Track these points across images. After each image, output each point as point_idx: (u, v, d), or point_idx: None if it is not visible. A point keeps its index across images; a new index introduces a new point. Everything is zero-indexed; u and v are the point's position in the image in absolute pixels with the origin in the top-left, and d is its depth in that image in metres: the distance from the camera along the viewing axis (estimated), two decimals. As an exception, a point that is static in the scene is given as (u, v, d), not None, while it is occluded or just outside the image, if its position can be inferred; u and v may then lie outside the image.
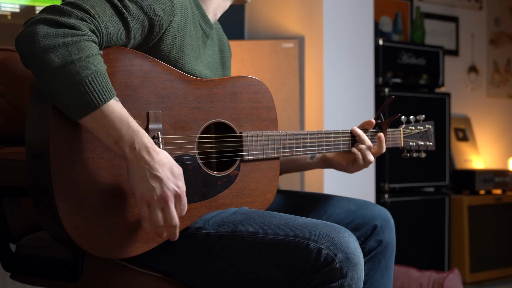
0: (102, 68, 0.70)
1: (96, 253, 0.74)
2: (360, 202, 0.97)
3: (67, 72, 0.68)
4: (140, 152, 0.70)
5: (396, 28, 2.46)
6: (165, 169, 0.71)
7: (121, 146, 0.70)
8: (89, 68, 0.68)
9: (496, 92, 2.80)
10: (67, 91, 0.68)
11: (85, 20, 0.70)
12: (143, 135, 0.71)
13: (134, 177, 0.71)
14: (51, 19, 0.69)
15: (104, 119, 0.69)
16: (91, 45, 0.70)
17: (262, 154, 0.87)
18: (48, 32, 0.68)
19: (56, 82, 0.68)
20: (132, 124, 0.70)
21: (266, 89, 0.90)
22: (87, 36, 0.70)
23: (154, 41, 0.80)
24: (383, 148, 0.97)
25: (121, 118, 0.70)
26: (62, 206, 0.71)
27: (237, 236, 0.79)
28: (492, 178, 2.38)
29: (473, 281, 2.27)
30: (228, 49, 1.00)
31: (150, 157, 0.70)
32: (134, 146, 0.70)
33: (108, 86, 0.69)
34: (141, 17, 0.76)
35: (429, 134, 1.07)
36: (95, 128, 0.70)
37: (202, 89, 0.83)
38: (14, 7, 1.52)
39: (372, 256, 0.93)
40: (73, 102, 0.68)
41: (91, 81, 0.68)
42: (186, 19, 0.83)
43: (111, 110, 0.69)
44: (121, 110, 0.70)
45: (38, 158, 0.72)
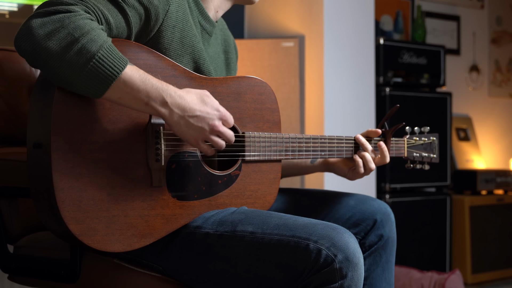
0: (108, 40, 0.70)
1: (95, 246, 0.74)
2: (360, 197, 0.96)
3: (74, 52, 0.67)
4: (173, 104, 0.72)
5: (397, 27, 2.45)
6: (200, 105, 0.74)
7: (152, 106, 0.71)
8: (95, 43, 0.68)
9: (497, 91, 2.79)
10: (81, 72, 0.68)
11: (76, 4, 0.71)
12: (167, 87, 0.72)
13: (180, 127, 0.73)
14: (43, 11, 0.69)
15: (127, 86, 0.70)
16: (90, 22, 0.70)
17: (264, 155, 0.87)
18: (43, 22, 0.68)
19: (66, 67, 0.67)
20: (154, 81, 0.72)
21: (270, 90, 0.90)
22: (83, 15, 0.69)
23: (153, 33, 0.80)
24: (387, 157, 0.96)
25: (142, 80, 0.71)
26: (61, 197, 0.71)
27: (236, 236, 0.78)
28: (493, 178, 2.37)
29: (475, 282, 2.26)
30: (234, 50, 1.00)
31: (183, 103, 0.73)
32: (165, 100, 0.72)
33: (119, 55, 0.70)
34: (137, 6, 0.76)
35: (433, 146, 1.06)
36: (121, 97, 0.70)
37: (206, 87, 0.83)
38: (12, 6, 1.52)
39: (373, 251, 0.92)
40: (91, 81, 0.68)
41: (102, 55, 0.68)
42: (184, 11, 0.83)
43: (130, 75, 0.70)
44: (139, 72, 0.71)
45: (38, 147, 0.72)
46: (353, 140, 0.96)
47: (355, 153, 0.96)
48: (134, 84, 0.70)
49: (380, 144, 0.97)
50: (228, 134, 0.77)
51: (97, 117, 0.73)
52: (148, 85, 0.71)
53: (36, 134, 0.73)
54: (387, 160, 0.97)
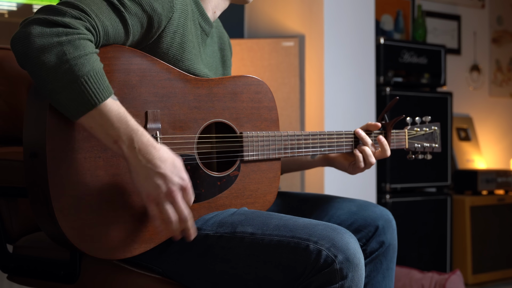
0: (98, 67, 0.69)
1: (92, 253, 0.73)
2: (362, 203, 0.96)
3: (62, 71, 0.67)
4: (140, 151, 0.69)
5: (397, 27, 2.45)
6: (167, 164, 0.70)
7: (120, 145, 0.69)
8: (84, 67, 0.68)
9: (498, 91, 2.79)
10: (63, 91, 0.67)
11: (80, 19, 0.70)
12: (142, 133, 0.70)
13: (138, 176, 0.70)
14: (45, 19, 0.69)
15: (102, 118, 0.68)
16: (87, 43, 0.69)
17: (262, 154, 0.86)
18: (42, 32, 0.68)
19: (52, 82, 0.67)
20: (131, 123, 0.70)
21: (267, 89, 0.89)
22: (82, 34, 0.69)
23: (153, 38, 0.80)
24: (387, 151, 0.96)
25: (119, 117, 0.69)
26: (59, 205, 0.71)
27: (236, 237, 0.78)
28: (494, 178, 2.36)
29: (476, 282, 2.26)
30: (228, 47, 0.99)
31: (151, 155, 0.69)
32: (133, 145, 0.69)
33: (105, 84, 0.69)
34: (140, 14, 0.75)
35: (435, 136, 1.05)
36: (93, 127, 0.69)
37: (202, 88, 0.82)
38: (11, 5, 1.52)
39: (373, 258, 0.92)
40: (70, 102, 0.68)
41: (88, 80, 0.67)
42: (186, 16, 0.83)
43: (108, 108, 0.69)
44: (119, 109, 0.70)
45: (35, 156, 0.72)
46: (353, 135, 0.96)
47: (355, 148, 0.95)
48: (109, 119, 0.68)
49: (379, 138, 0.96)
50: (181, 209, 0.71)
51: None
52: (122, 124, 0.68)
53: (32, 142, 0.73)
54: (388, 153, 0.96)
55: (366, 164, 0.94)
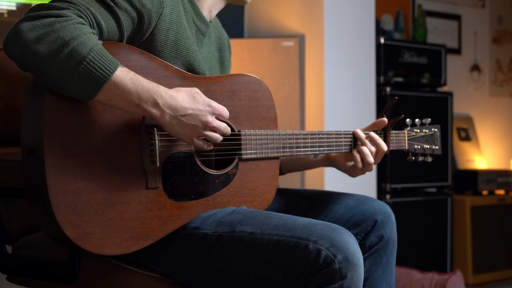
0: (98, 42, 0.69)
1: (90, 249, 0.73)
2: (360, 197, 0.96)
3: (64, 55, 0.67)
4: (164, 105, 0.72)
5: (397, 27, 2.45)
6: (191, 103, 0.74)
7: (144, 107, 0.71)
8: (86, 46, 0.68)
9: (499, 91, 2.78)
10: (71, 75, 0.67)
11: (69, 8, 0.70)
12: (158, 88, 0.72)
13: (173, 127, 0.73)
14: (33, 15, 0.69)
15: (118, 88, 0.70)
16: (81, 26, 0.69)
17: (261, 153, 0.86)
18: (33, 26, 0.67)
19: (57, 70, 0.67)
20: (145, 83, 0.71)
21: (265, 87, 0.89)
22: (74, 19, 0.69)
23: (146, 36, 0.80)
24: (382, 146, 0.94)
25: (133, 81, 0.71)
26: (56, 202, 0.70)
27: (235, 237, 0.78)
28: (495, 179, 2.36)
29: (476, 282, 2.26)
30: (227, 48, 0.99)
31: (174, 103, 0.73)
32: (156, 102, 0.71)
33: (110, 57, 0.70)
34: (130, 10, 0.76)
35: (435, 138, 1.04)
36: (112, 99, 0.70)
37: (200, 86, 0.82)
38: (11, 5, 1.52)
39: (373, 252, 0.92)
40: (82, 84, 0.68)
41: (93, 58, 0.68)
42: (179, 13, 0.82)
43: (120, 77, 0.70)
44: (130, 73, 0.71)
45: (32, 153, 0.72)
46: (352, 135, 0.95)
47: (354, 148, 0.95)
48: (125, 86, 0.70)
49: (370, 134, 0.95)
50: (222, 127, 0.77)
51: (90, 120, 0.73)
52: (139, 87, 0.71)
53: (29, 139, 0.73)
54: (384, 148, 0.94)
55: (364, 164, 0.94)
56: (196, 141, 0.76)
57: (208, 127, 0.75)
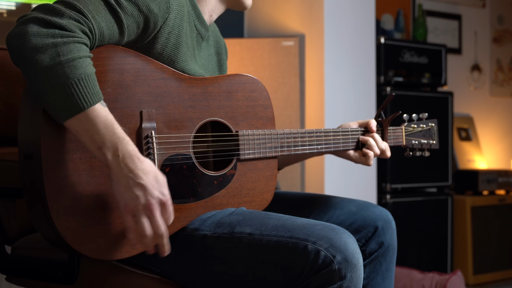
0: (90, 71, 0.69)
1: (89, 254, 0.73)
2: (361, 203, 0.96)
3: (54, 72, 0.67)
4: (124, 160, 0.68)
5: (398, 26, 2.44)
6: (150, 177, 0.69)
7: (104, 152, 0.68)
8: (76, 70, 0.68)
9: (499, 91, 2.78)
10: (53, 92, 0.67)
11: (78, 21, 0.70)
12: (127, 143, 0.69)
13: (118, 185, 0.69)
14: (42, 18, 0.69)
15: (89, 122, 0.68)
16: (81, 47, 0.69)
17: (259, 153, 0.86)
18: (38, 32, 0.68)
19: (42, 82, 0.67)
20: (117, 131, 0.69)
21: (262, 87, 0.89)
22: (77, 38, 0.69)
23: (149, 39, 0.80)
24: (374, 147, 0.94)
25: (106, 124, 0.68)
26: (55, 207, 0.70)
27: (234, 238, 0.78)
28: (495, 179, 2.36)
29: (476, 283, 2.25)
30: (225, 52, 1.00)
31: (134, 165, 0.68)
32: (117, 153, 0.68)
33: (95, 90, 0.69)
34: (136, 14, 0.75)
35: (432, 133, 1.04)
36: (78, 131, 0.69)
37: (197, 87, 0.82)
38: (10, 4, 1.52)
39: (373, 259, 0.92)
40: (59, 104, 0.68)
41: (78, 83, 0.67)
42: (182, 17, 0.83)
43: (96, 114, 0.68)
44: (107, 116, 0.69)
45: (30, 158, 0.72)
46: (349, 132, 0.95)
47: (353, 145, 0.95)
48: (96, 125, 0.68)
49: (361, 138, 0.95)
50: (158, 223, 0.69)
51: None
52: (108, 131, 0.68)
53: (27, 143, 0.72)
54: (377, 151, 0.94)
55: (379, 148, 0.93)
56: (127, 213, 0.69)
57: (148, 209, 0.68)
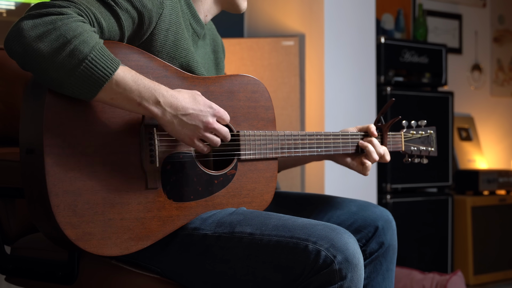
0: (100, 41, 0.70)
1: (89, 250, 0.73)
2: (362, 203, 0.96)
3: (66, 53, 0.67)
4: (166, 103, 0.72)
5: (398, 26, 2.44)
6: (192, 104, 0.74)
7: (145, 106, 0.71)
8: (87, 44, 0.68)
9: (500, 91, 2.78)
10: (73, 73, 0.67)
11: (69, 7, 0.70)
12: (159, 87, 0.72)
13: (173, 127, 0.73)
14: (35, 13, 0.69)
15: (119, 86, 0.70)
16: (82, 24, 0.69)
17: (259, 154, 0.86)
18: (35, 24, 0.68)
19: (58, 68, 0.67)
20: (146, 81, 0.71)
21: (264, 88, 0.89)
22: (75, 17, 0.69)
23: (146, 36, 0.80)
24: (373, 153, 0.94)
25: (135, 80, 0.71)
26: (56, 202, 0.70)
27: (234, 238, 0.78)
28: (496, 179, 2.35)
29: (477, 283, 2.25)
30: (222, 50, 1.00)
31: (175, 103, 0.72)
32: (157, 100, 0.71)
33: (111, 56, 0.70)
34: (130, 9, 0.76)
35: (431, 140, 1.05)
36: (114, 98, 0.70)
37: (199, 86, 0.82)
38: (10, 4, 1.52)
39: (373, 259, 0.92)
40: (83, 82, 0.68)
41: (95, 57, 0.68)
42: (177, 14, 0.83)
43: (122, 76, 0.70)
44: (131, 72, 0.71)
45: (31, 153, 0.71)
46: (349, 136, 0.95)
47: (353, 149, 0.95)
48: (127, 84, 0.70)
49: (360, 142, 0.95)
50: (223, 130, 0.77)
51: (90, 119, 0.73)
52: (140, 85, 0.71)
53: (28, 139, 0.72)
54: (375, 157, 0.94)
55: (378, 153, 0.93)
56: (196, 142, 0.76)
57: (208, 128, 0.75)
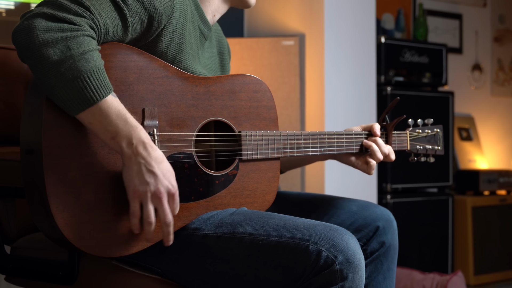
0: (100, 63, 0.70)
1: (89, 250, 0.73)
2: (362, 203, 0.96)
3: (65, 66, 0.68)
4: (137, 147, 0.70)
5: (398, 26, 2.44)
6: (161, 166, 0.71)
7: (118, 141, 0.70)
8: (88, 63, 0.68)
9: (500, 90, 2.77)
10: (65, 86, 0.68)
11: (84, 16, 0.71)
12: (140, 131, 0.71)
13: (129, 171, 0.71)
14: (50, 13, 0.69)
15: (102, 114, 0.69)
16: (90, 40, 0.70)
17: (261, 154, 0.86)
18: (47, 27, 0.68)
19: (54, 77, 0.68)
20: (130, 120, 0.70)
21: (266, 88, 0.89)
22: (86, 31, 0.70)
23: (152, 37, 0.80)
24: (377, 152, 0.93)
25: (118, 113, 0.70)
26: (55, 202, 0.70)
27: (235, 238, 0.77)
28: (496, 179, 2.35)
29: (477, 283, 2.25)
30: (227, 51, 1.00)
31: (147, 153, 0.70)
32: (131, 141, 0.70)
33: (106, 81, 0.70)
34: (141, 12, 0.76)
35: (437, 138, 1.04)
36: (92, 123, 0.70)
37: (200, 86, 0.82)
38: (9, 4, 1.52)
39: (374, 258, 0.92)
40: (71, 97, 0.68)
41: (90, 76, 0.68)
42: (185, 16, 0.83)
43: (108, 105, 0.69)
44: (119, 106, 0.70)
45: (31, 153, 0.72)
46: (352, 135, 0.95)
47: (357, 148, 0.94)
48: (108, 115, 0.69)
49: (364, 142, 0.94)
50: (166, 212, 0.71)
51: None
52: (121, 121, 0.69)
53: (28, 139, 0.72)
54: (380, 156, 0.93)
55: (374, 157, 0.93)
56: (135, 197, 0.70)
57: (156, 196, 0.70)
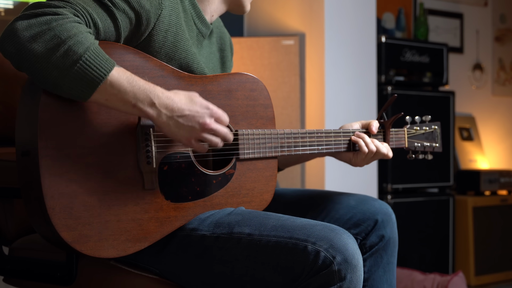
0: (94, 41, 0.69)
1: (86, 252, 0.73)
2: (360, 197, 0.95)
3: (60, 53, 0.67)
4: (161, 105, 0.71)
5: (399, 25, 2.43)
6: (188, 105, 0.73)
7: (140, 107, 0.70)
8: (82, 45, 0.67)
9: (501, 90, 2.77)
10: (68, 73, 0.67)
11: (65, 7, 0.70)
12: (155, 88, 0.72)
13: (169, 128, 0.72)
14: (30, 13, 0.69)
15: (114, 87, 0.69)
16: (78, 25, 0.69)
17: (259, 153, 0.86)
18: (29, 24, 0.67)
19: (52, 69, 0.67)
20: (141, 83, 0.71)
21: (263, 86, 0.88)
22: (71, 18, 0.69)
23: (144, 37, 0.79)
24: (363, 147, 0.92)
25: (130, 81, 0.70)
26: (51, 204, 0.70)
27: (233, 238, 0.77)
28: (497, 179, 2.34)
29: (478, 284, 2.24)
30: (229, 48, 0.99)
31: (171, 104, 0.72)
32: (152, 102, 0.71)
33: (106, 57, 0.69)
34: (128, 10, 0.75)
35: (435, 135, 1.04)
36: (108, 99, 0.70)
37: (196, 85, 0.82)
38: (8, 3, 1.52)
39: (373, 252, 0.91)
40: (78, 83, 0.67)
41: (89, 57, 0.67)
42: (178, 14, 0.82)
43: (117, 77, 0.69)
44: (126, 73, 0.70)
45: (26, 155, 0.71)
46: (351, 133, 0.94)
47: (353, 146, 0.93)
48: (121, 86, 0.69)
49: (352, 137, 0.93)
50: (222, 131, 0.76)
51: (85, 120, 0.72)
52: (135, 87, 0.70)
53: (24, 141, 0.72)
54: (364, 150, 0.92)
55: (369, 150, 0.91)
56: (194, 143, 0.75)
57: (205, 129, 0.74)
